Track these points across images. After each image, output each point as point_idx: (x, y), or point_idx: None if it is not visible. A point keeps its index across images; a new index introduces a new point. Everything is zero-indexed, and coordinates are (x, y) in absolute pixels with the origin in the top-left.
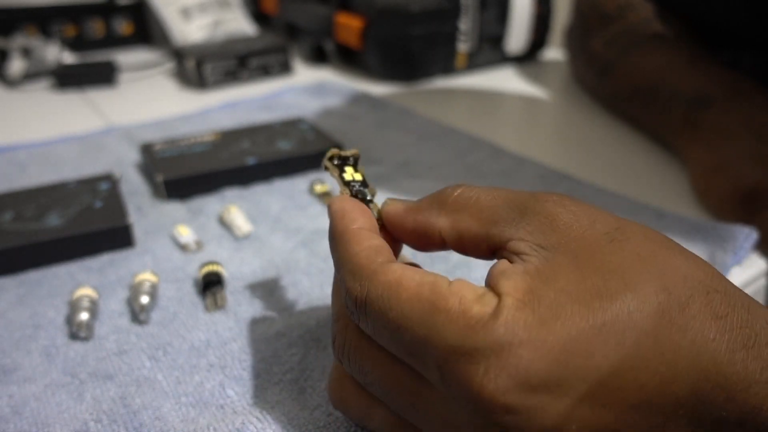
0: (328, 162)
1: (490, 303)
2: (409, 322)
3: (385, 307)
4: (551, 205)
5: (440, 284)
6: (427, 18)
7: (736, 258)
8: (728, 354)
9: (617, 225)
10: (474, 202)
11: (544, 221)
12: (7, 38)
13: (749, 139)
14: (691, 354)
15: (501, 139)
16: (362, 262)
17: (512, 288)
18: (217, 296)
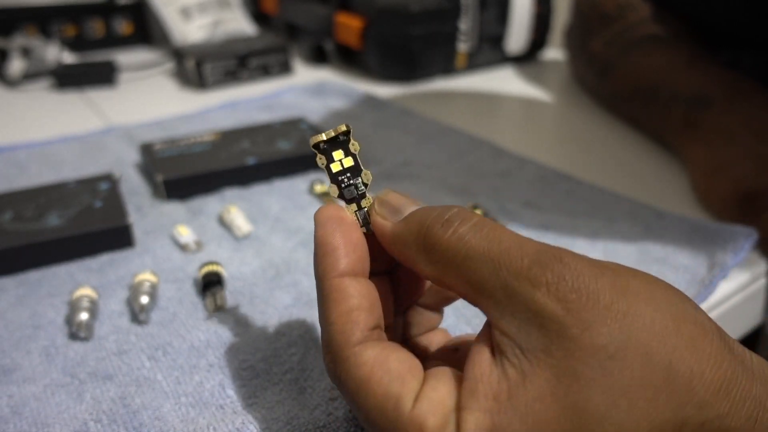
0: (313, 149)
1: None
2: (374, 424)
3: (354, 400)
4: (543, 294)
5: (403, 405)
6: (427, 18)
7: (736, 258)
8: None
9: (615, 333)
10: (461, 260)
11: (532, 317)
12: (7, 38)
13: (749, 139)
14: None
15: (501, 139)
16: (337, 339)
17: (473, 428)
18: (216, 296)
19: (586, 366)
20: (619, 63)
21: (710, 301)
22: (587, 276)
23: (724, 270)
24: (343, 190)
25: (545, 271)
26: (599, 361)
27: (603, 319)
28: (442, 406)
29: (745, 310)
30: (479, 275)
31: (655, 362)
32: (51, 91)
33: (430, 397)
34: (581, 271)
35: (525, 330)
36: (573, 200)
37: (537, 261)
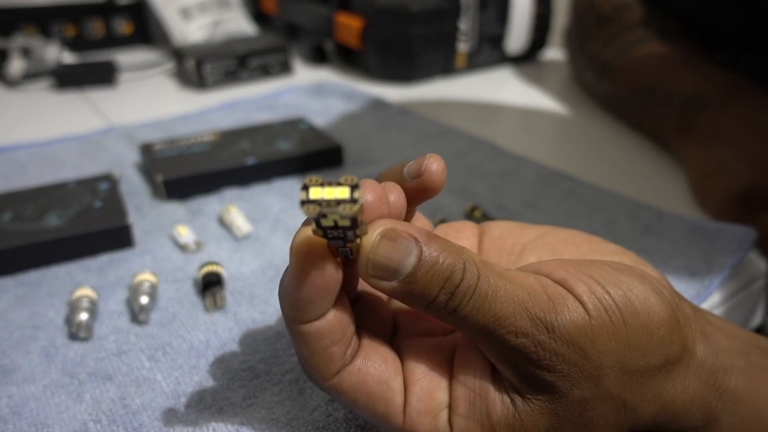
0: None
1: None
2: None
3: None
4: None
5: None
6: (427, 18)
7: (736, 258)
8: None
9: (593, 389)
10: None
11: (527, 377)
12: (7, 38)
13: (744, 139)
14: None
15: (501, 139)
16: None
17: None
18: (216, 296)
19: (566, 410)
20: (616, 64)
21: (710, 301)
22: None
23: (724, 270)
24: (330, 241)
25: (537, 349)
26: (579, 408)
27: (583, 380)
28: (427, 414)
29: (745, 310)
30: (479, 337)
31: (613, 402)
32: (51, 91)
33: (416, 408)
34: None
35: (519, 382)
36: (573, 200)
37: (529, 335)
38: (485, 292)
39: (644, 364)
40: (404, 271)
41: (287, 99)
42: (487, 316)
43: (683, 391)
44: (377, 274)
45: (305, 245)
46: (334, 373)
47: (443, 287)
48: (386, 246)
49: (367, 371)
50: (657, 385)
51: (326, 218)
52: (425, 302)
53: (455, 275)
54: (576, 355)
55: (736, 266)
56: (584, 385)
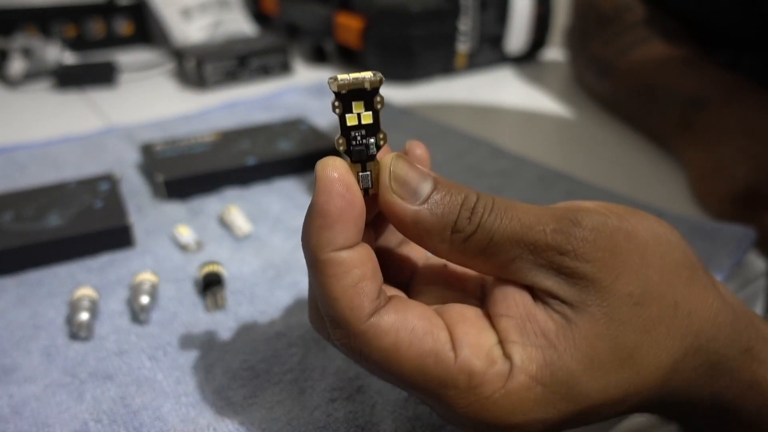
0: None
1: (500, 374)
2: (417, 386)
3: (387, 372)
4: (571, 260)
5: (445, 358)
6: (427, 18)
7: (735, 258)
8: (689, 392)
9: (638, 281)
10: (487, 246)
11: (564, 278)
12: (7, 38)
13: (743, 139)
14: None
15: (501, 139)
16: (346, 315)
17: (528, 360)
18: (217, 296)
19: (618, 310)
20: (617, 64)
21: None
22: (603, 234)
23: (724, 270)
24: (352, 149)
25: (569, 239)
26: (628, 306)
27: (626, 271)
28: (481, 348)
29: None
30: (507, 256)
31: (665, 304)
32: (51, 91)
33: (467, 342)
34: (599, 230)
35: (562, 287)
36: (573, 200)
37: (558, 230)
38: (504, 205)
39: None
40: (424, 191)
41: (287, 99)
42: (514, 222)
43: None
44: (399, 191)
45: (331, 160)
46: (369, 313)
47: (462, 206)
48: (404, 164)
49: (406, 307)
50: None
51: (351, 113)
52: (448, 225)
53: (470, 197)
54: (607, 242)
55: (736, 266)
56: (627, 276)
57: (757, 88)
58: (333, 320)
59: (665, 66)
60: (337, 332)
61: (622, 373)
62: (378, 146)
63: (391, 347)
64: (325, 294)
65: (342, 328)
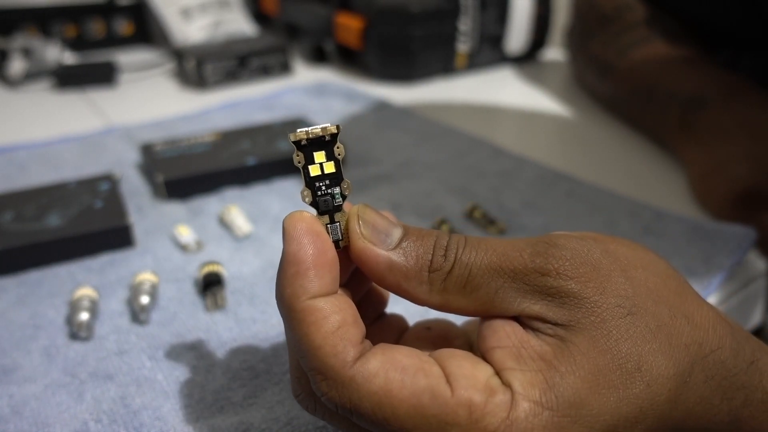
0: (293, 144)
1: (502, 405)
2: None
3: (382, 420)
4: (554, 279)
5: (441, 393)
6: (427, 18)
7: (735, 258)
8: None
9: (625, 291)
10: (467, 282)
11: (551, 299)
12: (7, 38)
13: (744, 139)
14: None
15: (501, 139)
16: (331, 362)
17: (528, 385)
18: (217, 296)
19: (612, 323)
20: (617, 64)
21: (710, 300)
22: (582, 251)
23: (724, 270)
24: (318, 199)
25: (548, 259)
26: (620, 318)
27: (611, 284)
28: (478, 379)
29: (745, 310)
30: (490, 289)
31: (660, 313)
32: (51, 91)
33: (462, 374)
34: (576, 249)
35: (551, 309)
36: (573, 200)
37: (535, 253)
38: (477, 240)
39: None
40: (395, 237)
41: (287, 99)
42: (490, 253)
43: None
44: (370, 236)
45: (298, 213)
46: (355, 357)
47: (436, 245)
48: (371, 211)
49: (393, 348)
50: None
51: (313, 163)
52: (425, 265)
53: (441, 237)
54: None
55: (736, 266)
56: (614, 289)
57: (757, 88)
58: (317, 371)
59: (665, 66)
60: (322, 386)
61: (632, 387)
62: (343, 195)
63: (383, 390)
64: (306, 343)
65: (328, 379)
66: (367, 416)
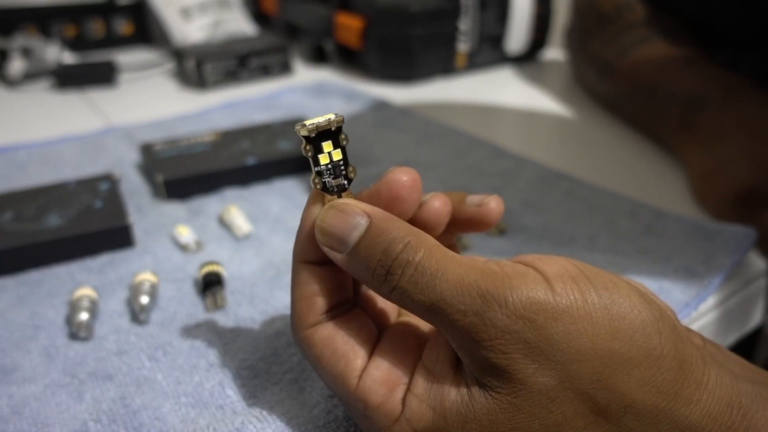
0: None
1: (388, 415)
2: (327, 383)
3: (317, 373)
4: (486, 351)
5: (348, 384)
6: (427, 18)
7: (736, 258)
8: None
9: (560, 376)
10: (406, 306)
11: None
12: (7, 38)
13: (744, 139)
14: None
15: (501, 139)
16: (296, 318)
17: (417, 416)
18: (217, 296)
19: (529, 403)
20: (617, 63)
21: (710, 301)
22: (530, 318)
23: (724, 270)
24: (326, 185)
25: (486, 328)
26: (541, 401)
27: (547, 364)
28: (382, 384)
29: (745, 310)
30: (427, 319)
31: (586, 402)
32: (51, 91)
33: (372, 375)
34: (524, 316)
35: (475, 368)
36: (573, 200)
37: (478, 313)
38: (428, 268)
39: (627, 356)
40: (351, 243)
41: (287, 99)
42: (431, 294)
43: (702, 411)
44: (326, 242)
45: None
46: (310, 324)
47: (380, 260)
48: (333, 215)
49: (338, 330)
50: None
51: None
52: (367, 276)
53: (393, 247)
54: (534, 334)
55: (736, 266)
56: (547, 372)
57: (757, 88)
58: (291, 319)
59: (665, 66)
60: (292, 328)
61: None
62: (349, 179)
63: (316, 358)
64: (292, 295)
65: (293, 327)
66: (309, 363)
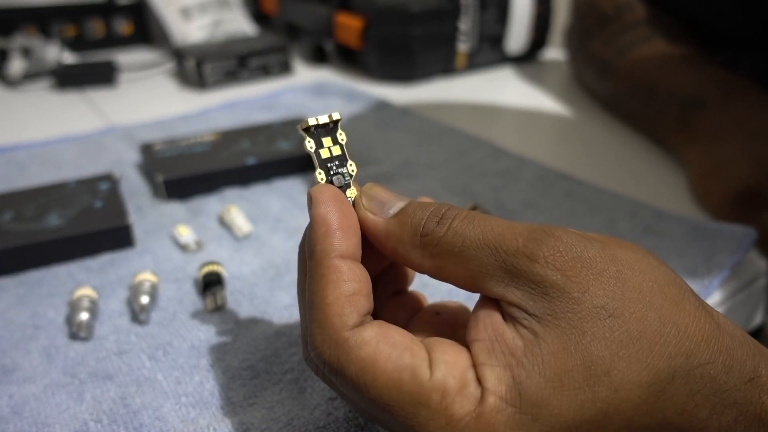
0: (303, 132)
1: (472, 398)
2: (389, 407)
3: (362, 386)
4: (542, 266)
5: (421, 373)
6: (427, 18)
7: (735, 258)
8: (691, 424)
9: (612, 292)
10: (459, 251)
11: (534, 287)
12: (7, 38)
13: (743, 139)
14: (658, 428)
15: (501, 139)
16: (334, 321)
17: (497, 381)
18: (217, 296)
19: (590, 324)
20: (617, 63)
21: (710, 301)
22: (578, 247)
23: (724, 270)
24: (332, 177)
25: (540, 246)
26: (601, 319)
27: (599, 283)
28: (457, 368)
29: (746, 310)
30: (478, 261)
31: (648, 319)
32: (51, 91)
33: (444, 360)
34: (573, 243)
35: (530, 298)
36: (573, 200)
37: (531, 239)
38: (477, 216)
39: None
40: (396, 206)
41: (287, 99)
42: (486, 229)
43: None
44: (369, 205)
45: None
46: (355, 324)
47: (432, 212)
48: (379, 188)
49: (389, 326)
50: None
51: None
52: (417, 230)
53: (440, 206)
54: (580, 253)
55: (736, 266)
56: (600, 289)
57: (757, 88)
58: (318, 324)
59: (665, 66)
60: (318, 340)
61: (597, 390)
62: (350, 174)
63: (370, 358)
64: (320, 297)
65: (325, 335)
66: (349, 379)
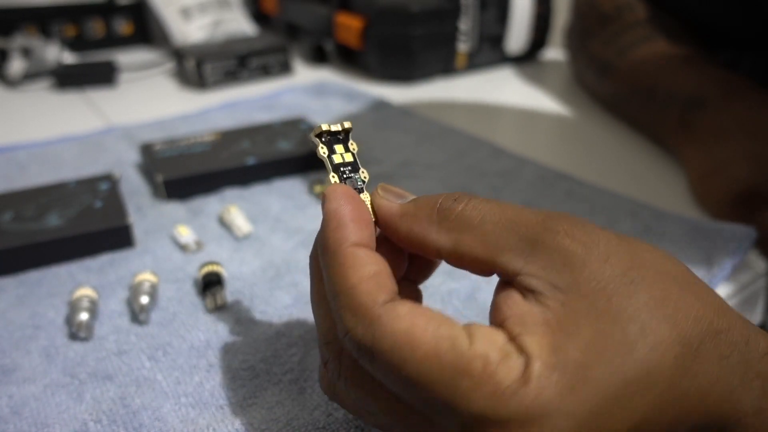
0: (315, 139)
1: (516, 366)
2: (428, 381)
3: (398, 361)
4: (562, 237)
5: (460, 343)
6: (427, 18)
7: (735, 258)
8: (727, 392)
9: (631, 263)
10: (478, 223)
11: (556, 257)
12: (7, 38)
13: (743, 139)
14: (698, 396)
15: (501, 139)
16: (363, 300)
17: (538, 346)
18: (217, 296)
19: (615, 289)
20: (617, 63)
21: None
22: (592, 226)
23: (724, 270)
24: (345, 181)
25: (559, 221)
26: (625, 285)
27: (617, 255)
28: (497, 340)
29: (745, 310)
30: (497, 235)
31: (668, 286)
32: (51, 91)
33: (483, 332)
34: (587, 222)
35: (552, 270)
36: (573, 200)
37: (548, 216)
38: (491, 199)
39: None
40: (409, 197)
41: (287, 99)
42: (504, 207)
43: None
44: (386, 195)
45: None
46: (386, 300)
47: (447, 195)
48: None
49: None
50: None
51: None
52: (433, 208)
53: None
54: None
55: (736, 266)
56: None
57: (757, 88)
58: (347, 308)
59: (665, 66)
60: (350, 322)
61: (635, 351)
62: (363, 180)
63: (406, 331)
64: (342, 283)
65: (357, 316)
66: (385, 356)
